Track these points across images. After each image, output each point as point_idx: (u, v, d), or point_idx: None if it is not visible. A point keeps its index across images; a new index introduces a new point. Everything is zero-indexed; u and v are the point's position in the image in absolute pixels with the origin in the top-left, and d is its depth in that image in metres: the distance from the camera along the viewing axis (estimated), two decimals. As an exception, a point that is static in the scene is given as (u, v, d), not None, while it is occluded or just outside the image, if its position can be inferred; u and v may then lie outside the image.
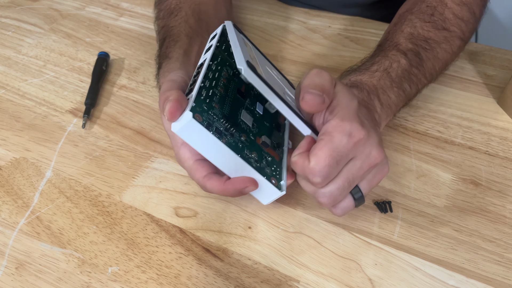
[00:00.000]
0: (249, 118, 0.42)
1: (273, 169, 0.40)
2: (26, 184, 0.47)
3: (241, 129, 0.40)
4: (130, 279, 0.39)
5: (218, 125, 0.37)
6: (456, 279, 0.39)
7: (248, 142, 0.39)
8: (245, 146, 0.39)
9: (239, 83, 0.44)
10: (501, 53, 0.61)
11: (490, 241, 0.41)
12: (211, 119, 0.37)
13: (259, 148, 0.41)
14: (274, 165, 0.41)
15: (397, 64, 0.48)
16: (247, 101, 0.44)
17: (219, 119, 0.38)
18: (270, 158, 0.41)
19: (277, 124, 0.45)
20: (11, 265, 0.40)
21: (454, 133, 0.51)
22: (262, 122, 0.43)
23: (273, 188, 0.39)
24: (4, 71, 0.60)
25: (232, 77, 0.44)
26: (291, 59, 0.62)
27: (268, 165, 0.40)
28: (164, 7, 0.58)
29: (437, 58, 0.51)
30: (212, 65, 0.42)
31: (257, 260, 0.40)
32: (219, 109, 0.39)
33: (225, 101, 0.40)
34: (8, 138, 0.52)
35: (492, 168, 0.47)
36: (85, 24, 0.68)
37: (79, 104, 0.56)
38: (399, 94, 0.47)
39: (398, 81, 0.47)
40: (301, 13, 0.70)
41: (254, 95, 0.45)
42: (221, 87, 0.41)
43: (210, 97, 0.39)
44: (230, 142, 0.37)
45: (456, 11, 0.53)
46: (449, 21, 0.52)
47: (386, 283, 0.39)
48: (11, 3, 0.73)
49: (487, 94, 0.56)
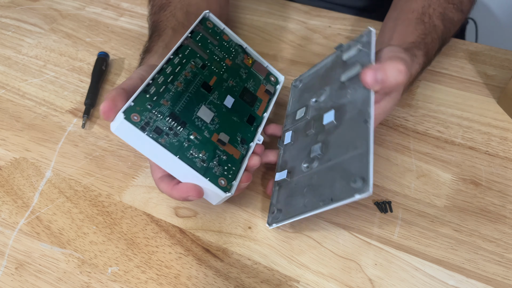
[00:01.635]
0: (209, 114, 0.41)
1: (226, 168, 0.39)
2: (26, 184, 0.47)
3: (193, 126, 0.39)
4: (130, 279, 0.39)
5: (160, 124, 0.37)
6: (456, 279, 0.39)
7: (198, 140, 0.39)
8: (193, 145, 0.38)
9: (208, 75, 0.44)
10: (501, 53, 0.61)
11: (490, 241, 0.41)
12: (152, 118, 0.37)
13: (213, 146, 0.39)
14: (228, 163, 0.39)
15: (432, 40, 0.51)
16: (214, 94, 0.43)
17: (164, 118, 0.38)
18: (225, 156, 0.40)
19: (250, 118, 0.44)
20: (11, 265, 0.40)
21: (454, 133, 0.51)
22: (227, 117, 0.42)
23: (217, 190, 0.37)
24: (4, 71, 0.60)
25: (200, 70, 0.44)
26: (291, 59, 0.62)
27: (220, 164, 0.39)
28: (156, 3, 0.58)
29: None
30: (174, 58, 0.42)
31: (257, 260, 0.40)
32: (168, 106, 0.39)
33: (180, 97, 0.40)
34: (8, 138, 0.52)
35: (492, 168, 0.47)
36: (85, 24, 0.68)
37: (79, 104, 0.56)
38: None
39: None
40: (301, 13, 0.70)
41: (226, 87, 0.45)
42: (180, 81, 0.41)
43: (160, 93, 0.39)
44: (171, 142, 0.37)
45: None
46: (465, 5, 0.56)
47: (386, 283, 0.39)
48: (11, 3, 0.73)
49: (487, 94, 0.56)
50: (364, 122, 0.37)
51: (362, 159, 0.35)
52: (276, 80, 0.50)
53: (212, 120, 0.41)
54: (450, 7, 0.54)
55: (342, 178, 0.36)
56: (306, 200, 0.38)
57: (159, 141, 0.36)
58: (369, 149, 0.35)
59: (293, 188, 0.40)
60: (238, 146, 0.41)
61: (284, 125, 0.47)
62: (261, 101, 0.47)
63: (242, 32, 0.66)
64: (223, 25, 0.49)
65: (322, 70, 0.47)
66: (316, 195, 0.37)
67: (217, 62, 0.46)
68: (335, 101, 0.42)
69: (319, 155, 0.40)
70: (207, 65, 0.45)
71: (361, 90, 0.39)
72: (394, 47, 0.43)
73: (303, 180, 0.40)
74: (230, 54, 0.48)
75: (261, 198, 0.45)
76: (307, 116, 0.44)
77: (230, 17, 0.69)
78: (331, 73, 0.45)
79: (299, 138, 0.44)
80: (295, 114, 0.46)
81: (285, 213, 0.39)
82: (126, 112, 0.36)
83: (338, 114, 0.40)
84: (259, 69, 0.49)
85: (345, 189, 0.35)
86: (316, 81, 0.47)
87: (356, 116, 0.38)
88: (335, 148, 0.38)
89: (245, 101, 0.45)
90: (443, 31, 0.52)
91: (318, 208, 0.36)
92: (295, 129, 0.45)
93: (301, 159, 0.41)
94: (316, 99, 0.45)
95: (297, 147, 0.43)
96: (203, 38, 0.46)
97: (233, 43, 0.49)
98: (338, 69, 0.44)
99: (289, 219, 0.39)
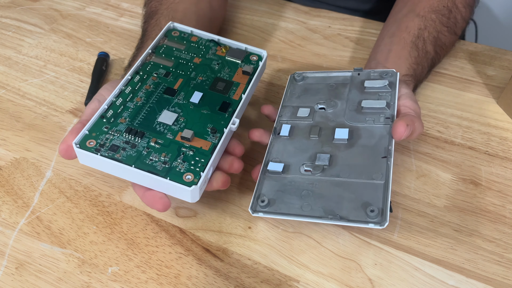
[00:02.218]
0: (171, 116, 0.42)
1: (193, 163, 0.39)
2: (26, 184, 0.47)
3: (154, 133, 0.40)
4: (130, 279, 0.39)
5: (116, 142, 0.39)
6: (456, 279, 0.39)
7: (159, 144, 0.40)
8: (153, 151, 0.39)
9: (173, 81, 0.45)
10: (501, 53, 0.61)
11: (489, 241, 0.41)
12: (108, 139, 0.39)
13: (177, 145, 0.40)
14: (196, 157, 0.39)
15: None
16: (179, 96, 0.44)
17: (121, 134, 0.40)
18: (192, 151, 0.40)
19: (224, 105, 0.44)
20: (11, 265, 0.40)
21: (454, 133, 0.51)
22: (195, 112, 0.43)
23: (181, 186, 0.37)
24: (5, 71, 0.60)
25: (163, 78, 0.45)
26: (291, 59, 0.62)
27: (186, 160, 0.39)
28: (147, 10, 0.58)
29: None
30: (134, 77, 0.44)
31: (257, 260, 0.40)
32: (126, 123, 0.41)
33: (140, 110, 0.42)
34: (8, 138, 0.52)
35: (492, 168, 0.47)
36: (85, 24, 0.68)
37: (79, 104, 0.56)
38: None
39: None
40: (301, 13, 0.70)
41: (194, 85, 0.45)
42: (140, 96, 0.43)
43: (118, 113, 0.41)
44: (128, 155, 0.39)
45: (463, 14, 0.56)
46: (459, 25, 0.57)
47: (386, 283, 0.39)
48: (11, 3, 0.73)
49: (487, 94, 0.56)
50: (383, 157, 0.39)
51: (379, 190, 0.37)
52: (259, 57, 0.49)
53: (176, 121, 0.42)
54: (444, 30, 0.54)
55: (352, 201, 0.37)
56: (303, 203, 0.38)
57: (115, 158, 0.38)
58: (389, 184, 0.38)
59: (286, 184, 0.40)
60: (209, 137, 0.41)
61: (279, 115, 0.46)
62: (238, 84, 0.46)
63: (242, 32, 0.66)
64: (189, 29, 0.50)
65: (331, 81, 0.48)
66: (317, 203, 0.38)
67: (183, 65, 0.47)
68: (349, 122, 0.43)
69: (326, 166, 0.40)
70: (172, 71, 0.46)
71: (382, 125, 0.42)
72: (408, 90, 0.46)
73: (301, 182, 0.40)
74: (200, 52, 0.48)
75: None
76: (311, 119, 0.45)
77: (230, 17, 0.69)
78: (343, 89, 0.47)
79: (298, 136, 0.44)
80: (296, 110, 0.46)
81: (276, 207, 0.39)
82: (81, 142, 0.39)
83: (351, 135, 0.42)
84: (235, 55, 0.48)
85: (358, 213, 0.36)
86: (324, 88, 0.48)
87: (372, 147, 0.41)
88: (345, 167, 0.40)
89: (217, 91, 0.45)
90: (433, 58, 0.54)
91: (323, 218, 0.37)
92: (294, 125, 0.45)
93: (300, 160, 0.41)
94: (324, 107, 0.45)
95: (295, 145, 0.43)
96: (167, 49, 0.48)
97: (203, 41, 0.49)
98: (353, 90, 0.46)
99: (279, 215, 0.38)
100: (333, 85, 0.48)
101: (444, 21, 0.54)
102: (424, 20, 0.53)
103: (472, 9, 0.58)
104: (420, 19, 0.53)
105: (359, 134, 0.42)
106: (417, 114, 0.43)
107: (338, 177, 0.39)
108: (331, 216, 0.37)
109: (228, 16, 0.69)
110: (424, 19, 0.53)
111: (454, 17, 0.55)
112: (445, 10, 0.54)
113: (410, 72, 0.50)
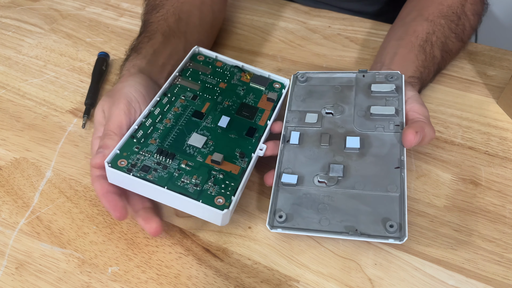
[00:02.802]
0: (201, 139, 0.43)
1: (223, 186, 0.39)
2: (26, 184, 0.47)
3: (184, 155, 0.41)
4: (130, 279, 0.39)
5: (147, 162, 0.40)
6: (456, 279, 0.39)
7: (190, 167, 0.40)
8: (184, 173, 0.40)
9: (201, 104, 0.46)
10: (501, 53, 0.61)
11: (489, 241, 0.41)
12: (139, 159, 0.40)
13: (207, 168, 0.41)
14: (226, 181, 0.40)
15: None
16: (207, 119, 0.45)
17: (152, 155, 0.40)
18: (221, 175, 0.40)
19: (251, 130, 0.45)
20: (11, 265, 0.40)
21: (454, 133, 0.51)
22: (224, 136, 0.44)
23: (213, 209, 0.37)
24: (5, 71, 0.60)
25: (191, 101, 0.46)
26: (291, 59, 0.62)
27: (216, 184, 0.39)
28: (150, 2, 0.58)
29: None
30: (163, 99, 0.45)
31: (257, 260, 0.40)
32: (157, 144, 0.41)
33: (169, 132, 0.43)
34: (8, 138, 0.52)
35: (491, 168, 0.47)
36: (85, 24, 0.68)
37: (79, 104, 0.56)
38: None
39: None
40: (301, 13, 0.70)
41: (221, 109, 0.46)
42: (169, 118, 0.44)
43: (148, 134, 0.42)
44: (160, 176, 0.39)
45: (472, 22, 0.57)
46: (467, 33, 0.57)
47: (386, 283, 0.39)
48: (11, 3, 0.73)
49: (486, 94, 0.56)
50: (397, 168, 0.40)
51: (396, 203, 0.38)
52: (282, 86, 0.50)
53: (206, 144, 0.42)
54: (452, 36, 0.54)
55: (370, 214, 0.37)
56: (321, 217, 0.38)
57: (146, 178, 0.39)
58: (405, 195, 0.38)
59: (302, 197, 0.40)
60: (238, 161, 0.42)
61: (286, 121, 0.45)
62: (263, 111, 0.47)
63: (242, 32, 0.66)
64: (214, 54, 0.51)
65: (335, 82, 0.48)
66: (335, 217, 0.38)
67: (210, 89, 0.48)
68: (359, 129, 0.43)
69: (340, 177, 0.40)
70: (199, 94, 0.47)
71: (392, 133, 0.42)
72: (414, 93, 0.46)
73: (316, 194, 0.40)
74: (225, 77, 0.49)
75: (261, 198, 0.45)
76: (320, 125, 0.44)
77: (230, 17, 0.69)
78: (349, 93, 0.46)
79: (308, 144, 0.43)
80: (303, 115, 0.45)
81: (295, 222, 0.38)
82: (112, 161, 0.39)
83: (362, 143, 0.42)
84: (259, 82, 0.49)
85: (377, 228, 0.37)
86: (329, 91, 0.47)
87: (384, 156, 0.41)
88: (359, 178, 0.40)
89: (243, 116, 0.46)
90: (439, 62, 0.54)
91: (343, 234, 0.37)
92: (303, 131, 0.44)
93: (313, 170, 0.41)
94: (332, 112, 0.45)
95: (306, 154, 0.42)
96: (193, 72, 0.49)
97: (228, 66, 0.51)
98: (360, 93, 0.46)
99: (299, 231, 0.38)
100: (338, 87, 0.47)
101: (452, 27, 0.54)
102: (432, 24, 0.53)
103: (480, 18, 0.58)
104: (428, 23, 0.53)
105: (370, 143, 0.42)
106: (426, 118, 0.43)
107: (353, 189, 0.39)
108: (351, 232, 0.37)
109: (228, 16, 0.69)
110: (432, 23, 0.53)
111: (463, 24, 0.55)
112: (454, 16, 0.54)
113: (417, 75, 0.50)
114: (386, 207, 0.38)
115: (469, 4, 0.56)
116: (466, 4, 0.55)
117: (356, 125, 0.44)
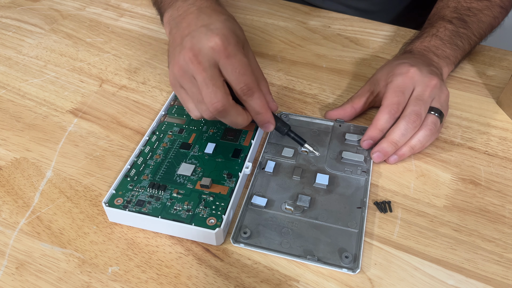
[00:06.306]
0: (189, 167, 0.45)
1: (214, 207, 0.42)
2: (26, 184, 0.47)
3: (175, 185, 0.44)
4: (130, 279, 0.39)
5: (141, 197, 0.43)
6: (456, 278, 0.39)
7: (181, 195, 0.43)
8: (176, 201, 0.42)
9: (187, 136, 0.49)
10: (501, 53, 0.62)
11: (489, 241, 0.41)
12: (134, 195, 0.43)
13: (197, 193, 0.43)
14: (216, 202, 0.42)
15: (444, 28, 0.55)
16: (194, 149, 0.47)
17: (145, 190, 0.43)
18: (211, 197, 0.43)
19: (236, 151, 0.47)
20: (11, 265, 0.40)
21: (453, 133, 0.51)
22: (211, 161, 0.46)
23: (205, 230, 0.40)
24: (5, 71, 0.61)
25: (178, 135, 0.49)
26: (291, 59, 0.62)
27: (207, 206, 0.42)
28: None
29: (481, 21, 0.57)
30: (151, 137, 0.49)
31: (257, 260, 0.40)
32: (149, 179, 0.44)
33: (160, 166, 0.46)
34: (8, 138, 0.52)
35: (491, 168, 0.47)
36: (85, 25, 0.68)
37: (79, 104, 0.56)
38: (452, 48, 0.54)
39: (448, 39, 0.54)
40: (301, 13, 0.70)
41: (207, 137, 0.48)
42: (159, 153, 0.47)
43: (141, 171, 0.45)
44: (154, 207, 0.42)
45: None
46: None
47: (386, 283, 0.39)
48: (11, 3, 0.73)
49: (486, 94, 0.56)
50: (359, 208, 0.43)
51: (354, 238, 0.41)
52: None
53: (194, 171, 0.45)
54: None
55: (329, 244, 0.40)
56: (283, 240, 0.41)
57: (142, 211, 0.41)
58: (363, 233, 0.41)
59: (268, 219, 0.42)
60: (226, 182, 0.44)
61: (265, 151, 0.49)
62: (246, 132, 0.49)
63: (242, 32, 0.66)
64: None
65: (314, 127, 0.52)
66: (296, 242, 0.41)
67: (195, 121, 0.50)
68: (329, 169, 0.47)
69: (306, 207, 0.43)
70: (185, 127, 0.50)
71: (358, 177, 0.46)
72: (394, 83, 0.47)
73: (281, 219, 0.43)
74: None
75: (261, 198, 0.45)
76: (295, 160, 0.48)
77: (230, 17, 0.69)
78: (325, 137, 0.51)
79: (281, 174, 0.47)
80: (280, 149, 0.49)
81: (257, 241, 0.41)
82: (109, 201, 0.42)
83: (331, 181, 0.46)
84: None
85: (333, 257, 0.40)
86: (307, 132, 0.51)
87: (349, 196, 0.44)
88: (324, 211, 0.43)
89: (228, 140, 0.48)
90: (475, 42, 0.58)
91: (301, 258, 0.39)
92: (279, 162, 0.48)
93: (282, 197, 0.44)
94: (306, 150, 0.48)
95: (278, 182, 0.46)
96: (179, 109, 0.53)
97: None
98: (334, 140, 0.50)
99: (259, 248, 0.40)
100: (316, 131, 0.51)
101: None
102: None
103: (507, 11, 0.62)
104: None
105: (338, 182, 0.46)
106: (394, 105, 0.46)
107: (317, 219, 0.42)
108: (309, 256, 0.39)
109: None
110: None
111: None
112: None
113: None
114: (344, 240, 0.41)
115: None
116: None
117: (328, 165, 0.47)
